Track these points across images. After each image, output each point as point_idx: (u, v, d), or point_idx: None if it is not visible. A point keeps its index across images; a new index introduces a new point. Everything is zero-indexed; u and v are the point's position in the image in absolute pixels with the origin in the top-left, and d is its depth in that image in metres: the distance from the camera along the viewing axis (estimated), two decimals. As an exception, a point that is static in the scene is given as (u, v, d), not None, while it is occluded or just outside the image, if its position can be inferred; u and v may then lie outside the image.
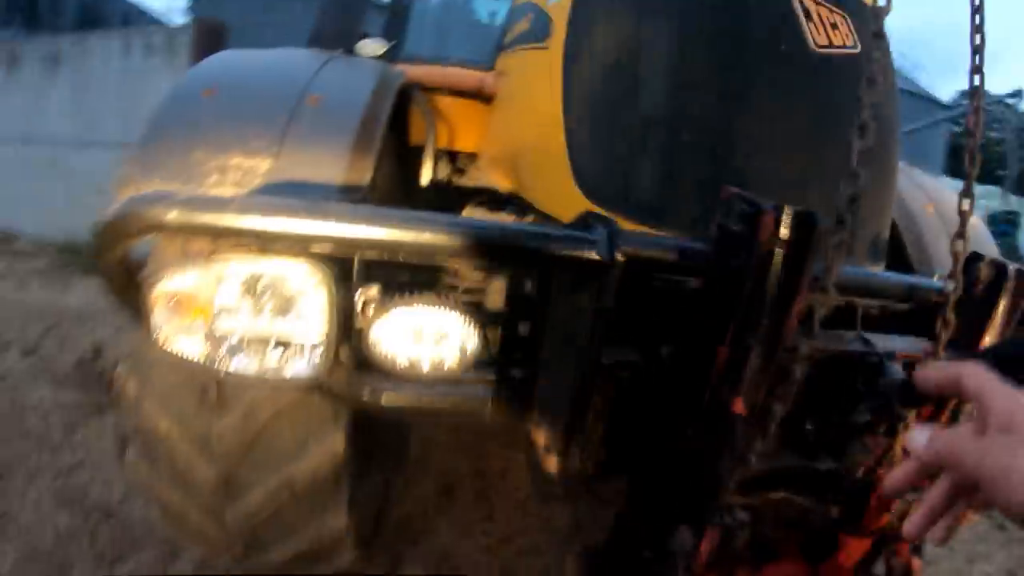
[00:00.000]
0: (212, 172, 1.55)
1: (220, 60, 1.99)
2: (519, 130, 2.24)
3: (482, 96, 2.73)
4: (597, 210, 1.59)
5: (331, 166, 1.61)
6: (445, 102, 2.78)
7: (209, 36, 6.78)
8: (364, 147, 1.69)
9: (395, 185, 2.27)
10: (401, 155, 2.43)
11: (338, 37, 3.07)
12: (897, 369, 1.43)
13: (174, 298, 1.27)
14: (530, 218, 2.06)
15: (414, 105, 2.55)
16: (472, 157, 2.79)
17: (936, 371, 0.82)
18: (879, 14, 1.34)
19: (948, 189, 2.69)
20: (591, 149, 1.76)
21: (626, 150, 1.69)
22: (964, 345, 1.54)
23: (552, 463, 1.49)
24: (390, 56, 3.09)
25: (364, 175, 1.63)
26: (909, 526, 0.83)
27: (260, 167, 1.56)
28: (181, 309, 1.28)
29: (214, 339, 1.29)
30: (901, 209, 2.42)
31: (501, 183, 2.35)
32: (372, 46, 3.02)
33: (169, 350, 1.29)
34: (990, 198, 21.80)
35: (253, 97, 1.75)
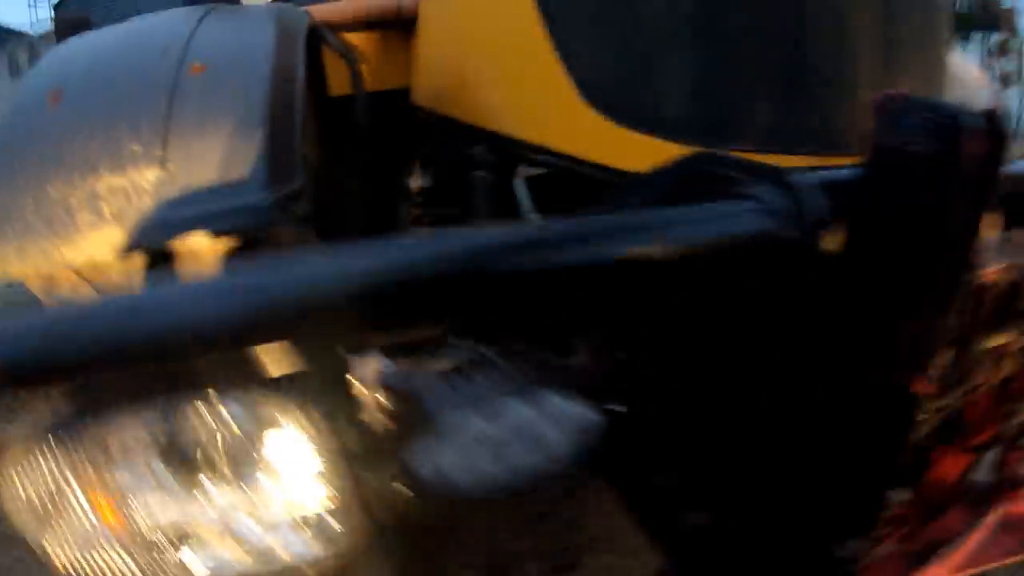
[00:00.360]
0: (81, 207, 1.10)
1: (65, 50, 1.50)
2: (473, 46, 1.85)
3: (400, 24, 2.35)
4: (618, 130, 1.30)
5: (242, 155, 1.16)
6: (358, 39, 2.37)
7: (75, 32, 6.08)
8: (282, 118, 1.24)
9: (325, 156, 1.84)
10: (320, 113, 2.00)
11: None
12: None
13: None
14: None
15: (327, 49, 2.07)
16: (396, 96, 2.38)
17: None
18: None
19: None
20: (600, 43, 1.39)
21: (660, 33, 1.32)
22: None
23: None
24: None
25: (290, 157, 1.19)
26: None
27: (143, 181, 1.12)
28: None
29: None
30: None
31: (458, 116, 1.94)
32: None
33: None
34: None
35: (114, 86, 1.28)
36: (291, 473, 0.99)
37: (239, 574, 0.98)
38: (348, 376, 0.97)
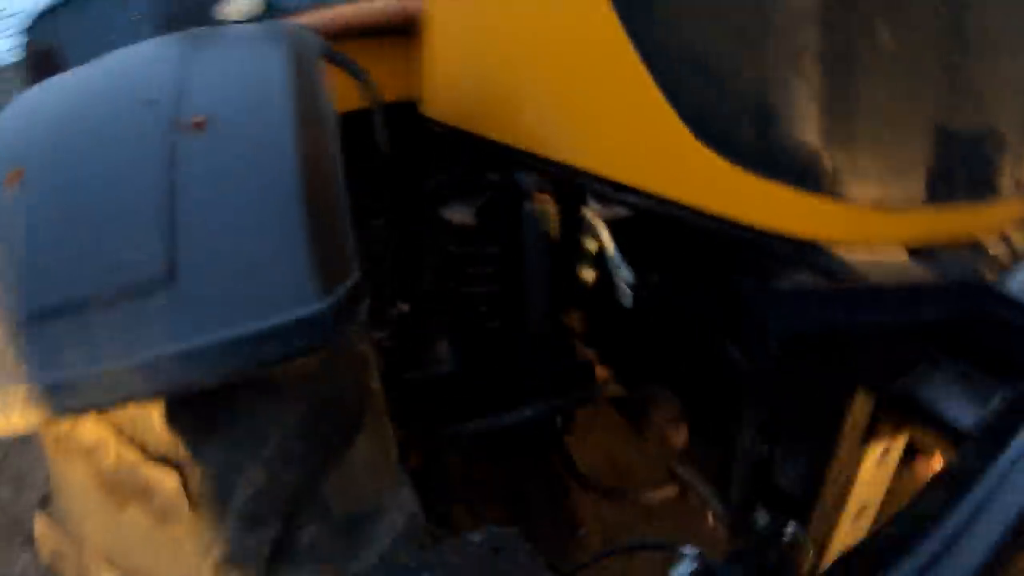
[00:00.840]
0: (61, 344, 0.78)
1: (25, 106, 1.16)
2: (515, 52, 1.53)
3: (408, 29, 2.04)
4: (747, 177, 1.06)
5: (279, 244, 0.85)
6: (361, 50, 2.01)
7: (46, 65, 5.60)
8: (322, 179, 0.95)
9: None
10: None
11: (197, 6, 2.19)
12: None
13: None
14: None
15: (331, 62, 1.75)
16: (401, 110, 2.05)
17: None
18: None
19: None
20: (719, 62, 1.04)
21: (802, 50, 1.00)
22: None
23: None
24: (269, 12, 2.27)
25: (341, 235, 0.90)
26: None
27: (148, 308, 0.79)
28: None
29: None
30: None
31: (493, 135, 1.64)
32: (243, 4, 2.16)
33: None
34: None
35: (91, 161, 0.95)
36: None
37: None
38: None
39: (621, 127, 1.23)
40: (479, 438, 1.79)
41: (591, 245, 1.51)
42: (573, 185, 1.45)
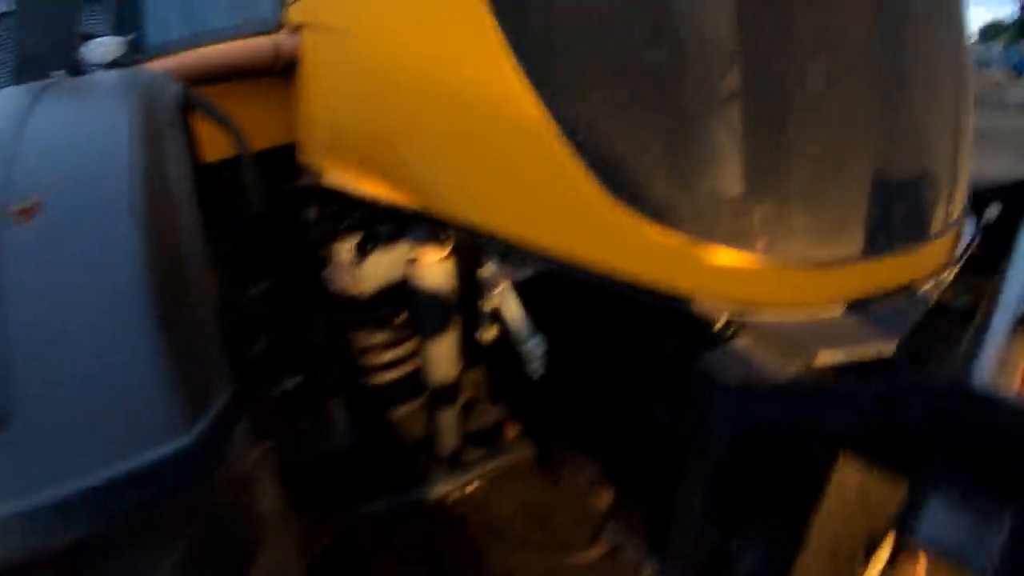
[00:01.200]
0: None
1: None
2: (398, 106, 1.40)
3: (275, 69, 1.85)
4: (665, 235, 0.97)
5: (128, 368, 0.70)
6: (236, 92, 1.84)
7: None
8: (177, 274, 0.80)
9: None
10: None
11: (56, 51, 1.95)
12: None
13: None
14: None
15: (196, 112, 1.57)
16: (276, 156, 1.88)
17: None
18: None
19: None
20: (646, 118, 0.98)
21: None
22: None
23: None
24: (131, 56, 2.05)
25: (205, 344, 0.77)
26: None
27: None
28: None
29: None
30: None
31: (383, 192, 1.49)
32: (104, 48, 1.94)
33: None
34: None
35: None
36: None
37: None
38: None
39: (525, 184, 1.12)
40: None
41: (492, 303, 1.39)
42: (472, 244, 1.33)
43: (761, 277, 0.98)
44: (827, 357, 0.94)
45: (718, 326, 1.01)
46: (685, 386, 1.02)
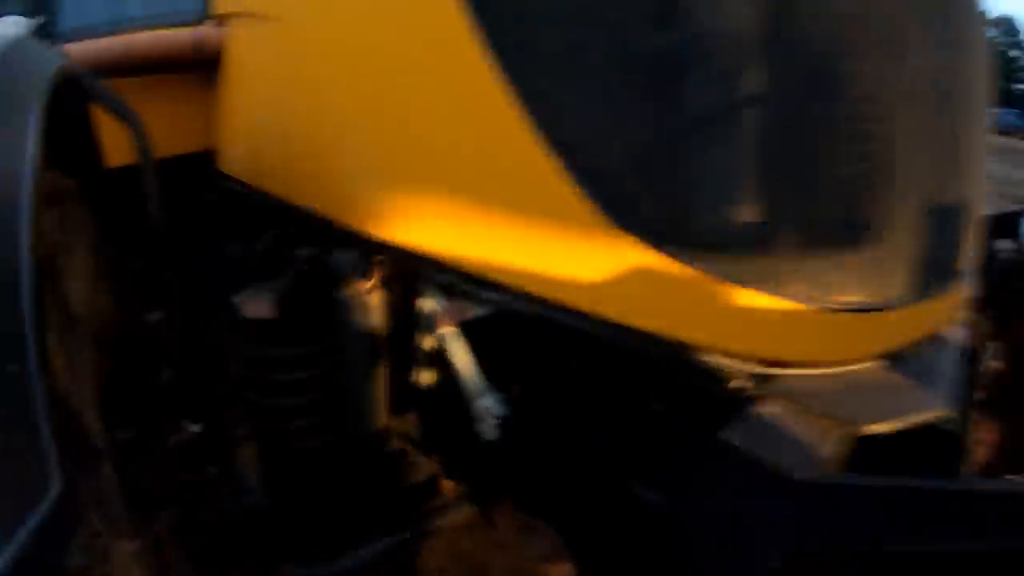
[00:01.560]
0: None
1: None
2: (334, 107, 1.21)
3: (196, 64, 1.66)
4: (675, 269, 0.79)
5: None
6: (142, 87, 1.63)
7: None
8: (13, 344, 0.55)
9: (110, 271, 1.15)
10: (94, 193, 1.29)
11: None
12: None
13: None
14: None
15: (95, 102, 1.31)
16: (192, 163, 1.69)
17: None
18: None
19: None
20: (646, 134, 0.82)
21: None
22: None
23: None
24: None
25: (28, 443, 0.53)
26: None
27: None
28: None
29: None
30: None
31: (310, 201, 1.30)
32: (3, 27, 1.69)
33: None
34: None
35: None
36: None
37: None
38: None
39: (498, 201, 0.92)
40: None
41: (428, 342, 1.17)
42: (407, 271, 1.12)
43: (790, 324, 0.79)
44: (876, 428, 0.75)
45: (734, 385, 0.81)
46: (684, 461, 0.82)
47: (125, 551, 0.68)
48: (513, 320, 0.99)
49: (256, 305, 1.24)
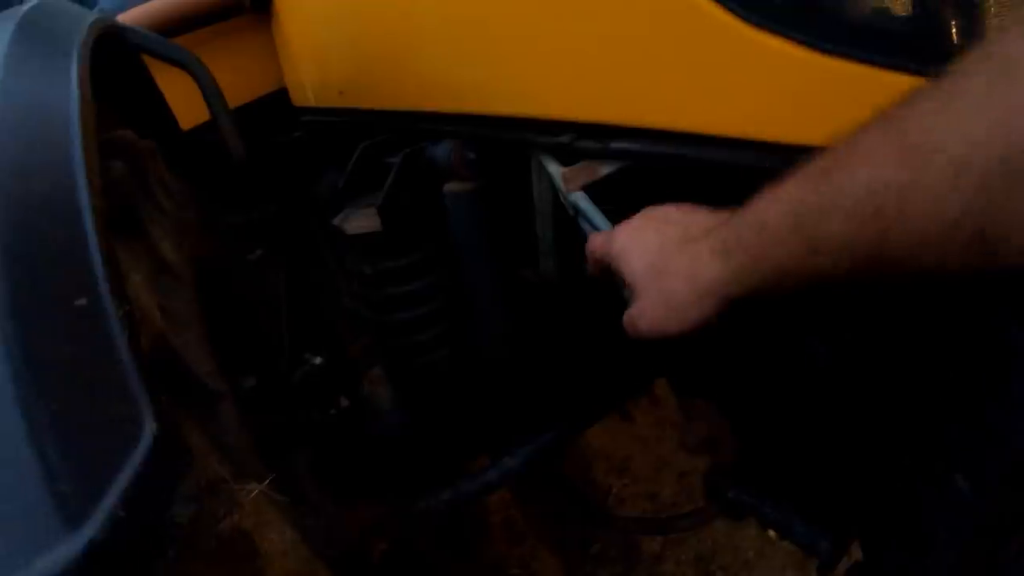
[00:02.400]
0: None
1: None
2: None
3: (246, 6, 1.54)
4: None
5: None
6: (195, 43, 1.50)
7: None
8: (49, 323, 0.50)
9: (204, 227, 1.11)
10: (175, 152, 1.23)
11: None
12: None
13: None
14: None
15: (149, 52, 1.25)
16: (261, 108, 1.60)
17: None
18: None
19: None
20: None
21: None
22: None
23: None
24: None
25: (114, 390, 0.47)
26: None
27: None
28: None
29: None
30: None
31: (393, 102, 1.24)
32: None
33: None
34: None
35: None
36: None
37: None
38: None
39: (617, 37, 0.79)
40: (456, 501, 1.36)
41: (546, 226, 1.08)
42: (516, 146, 1.01)
43: None
44: None
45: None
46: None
47: (255, 494, 0.63)
48: (652, 172, 0.87)
49: (358, 220, 1.17)
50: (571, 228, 0.96)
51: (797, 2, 0.65)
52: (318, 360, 1.40)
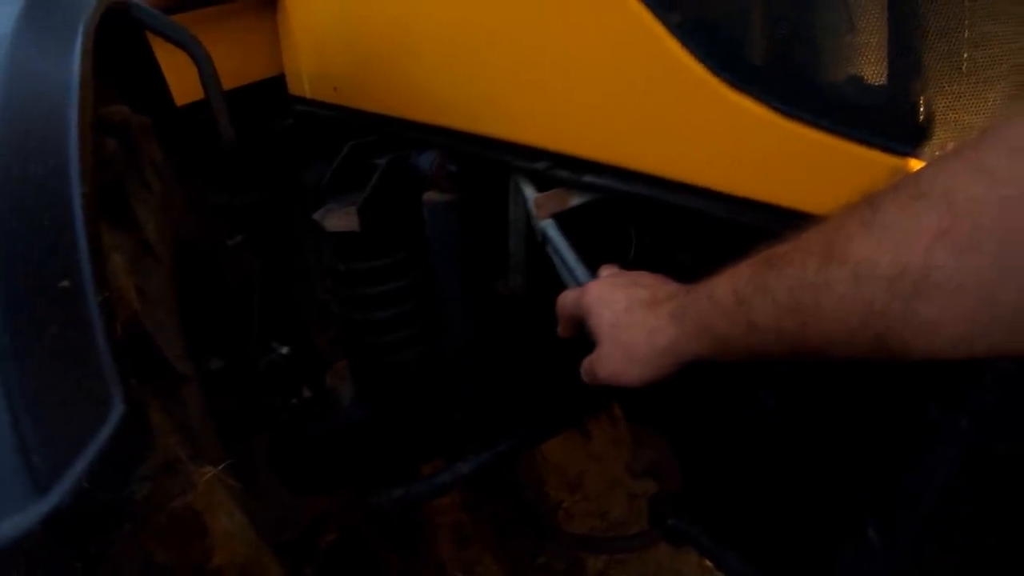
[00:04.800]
0: None
1: None
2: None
3: None
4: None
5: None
6: (193, 21, 1.50)
7: None
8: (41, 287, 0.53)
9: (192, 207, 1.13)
10: (167, 129, 1.24)
11: None
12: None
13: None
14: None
15: (151, 30, 1.27)
16: (258, 92, 1.62)
17: None
18: None
19: None
20: None
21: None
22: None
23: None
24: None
25: (86, 364, 0.50)
26: None
27: None
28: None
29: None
30: None
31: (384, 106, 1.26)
32: None
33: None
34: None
35: None
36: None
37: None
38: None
39: (598, 77, 0.83)
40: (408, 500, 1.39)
41: (522, 239, 1.11)
42: (495, 165, 1.05)
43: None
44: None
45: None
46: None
47: (209, 476, 0.66)
48: (618, 206, 0.91)
49: (337, 218, 1.20)
50: (540, 249, 1.00)
51: (772, 67, 0.69)
52: (285, 350, 1.42)
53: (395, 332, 1.31)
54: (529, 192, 0.98)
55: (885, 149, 0.63)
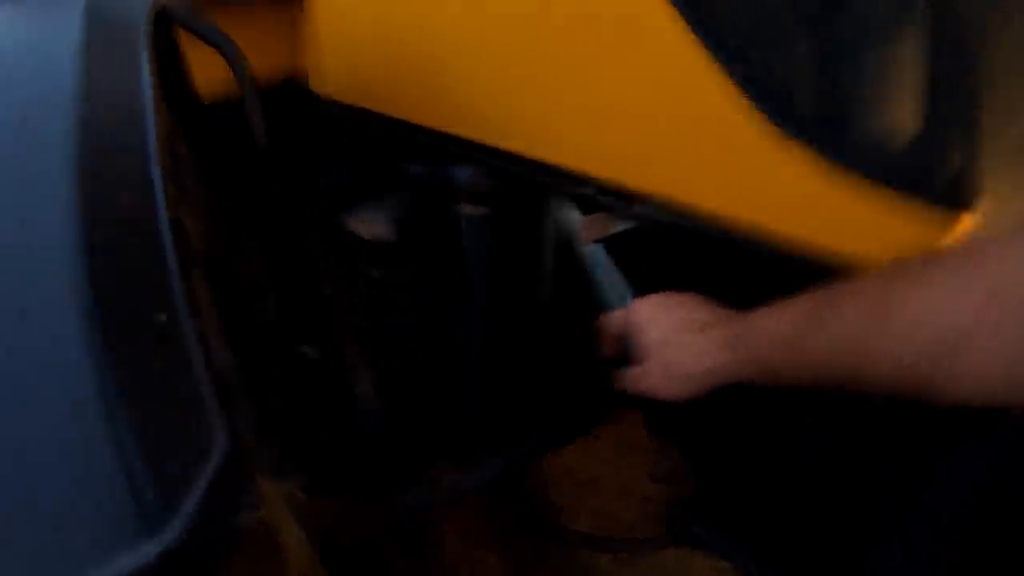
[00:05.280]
0: None
1: None
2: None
3: None
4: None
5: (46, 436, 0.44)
6: (239, 17, 1.52)
7: None
8: (134, 298, 0.54)
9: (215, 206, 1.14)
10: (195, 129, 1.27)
11: None
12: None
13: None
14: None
15: (188, 31, 1.28)
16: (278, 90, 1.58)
17: None
18: None
19: None
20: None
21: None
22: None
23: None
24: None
25: (190, 399, 0.50)
26: None
27: None
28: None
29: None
30: None
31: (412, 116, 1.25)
32: None
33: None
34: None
35: None
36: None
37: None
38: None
39: (647, 112, 0.85)
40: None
41: (563, 259, 1.13)
42: (534, 185, 1.06)
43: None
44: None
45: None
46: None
47: (274, 489, 0.67)
48: (660, 234, 0.93)
49: (371, 225, 1.21)
50: (570, 260, 1.02)
51: (823, 117, 0.71)
52: (313, 353, 1.43)
53: (420, 341, 1.33)
54: (572, 215, 1.00)
55: (931, 202, 0.66)
